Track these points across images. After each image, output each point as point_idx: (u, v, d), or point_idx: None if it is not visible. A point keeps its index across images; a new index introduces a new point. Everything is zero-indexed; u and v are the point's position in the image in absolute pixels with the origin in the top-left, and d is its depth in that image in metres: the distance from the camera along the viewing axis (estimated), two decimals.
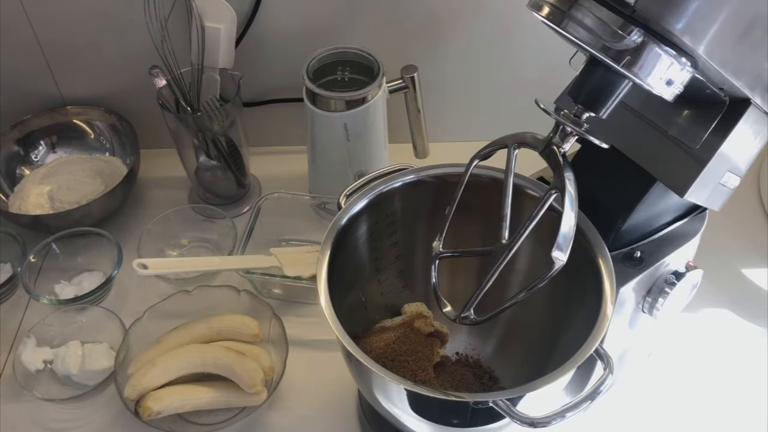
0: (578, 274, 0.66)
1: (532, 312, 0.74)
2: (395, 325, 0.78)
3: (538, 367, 0.74)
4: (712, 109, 0.60)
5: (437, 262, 0.68)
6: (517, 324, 0.77)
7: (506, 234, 0.60)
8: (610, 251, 0.64)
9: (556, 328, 0.73)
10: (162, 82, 0.91)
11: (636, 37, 0.51)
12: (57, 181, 1.04)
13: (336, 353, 0.69)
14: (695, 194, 0.64)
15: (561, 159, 0.57)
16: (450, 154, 0.81)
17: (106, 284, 0.92)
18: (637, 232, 0.70)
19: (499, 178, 0.70)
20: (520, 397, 0.59)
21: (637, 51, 0.51)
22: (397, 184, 0.73)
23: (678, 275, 0.69)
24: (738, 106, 0.59)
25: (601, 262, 0.65)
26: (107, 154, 1.10)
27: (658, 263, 0.67)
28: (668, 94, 0.54)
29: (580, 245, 0.64)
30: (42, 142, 1.09)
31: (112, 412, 0.84)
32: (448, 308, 0.64)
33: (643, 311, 0.72)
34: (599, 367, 0.60)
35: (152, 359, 0.81)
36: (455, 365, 0.79)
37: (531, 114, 0.64)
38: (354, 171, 0.95)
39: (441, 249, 0.68)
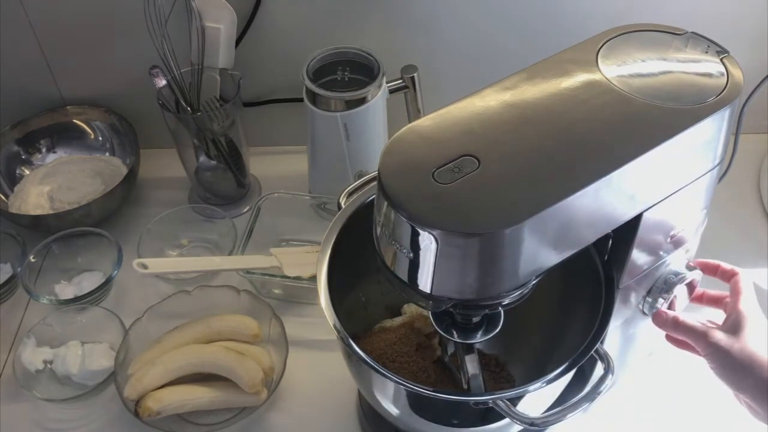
0: (578, 275, 0.66)
1: (532, 313, 0.74)
2: (395, 326, 0.78)
3: (538, 368, 0.74)
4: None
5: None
6: (518, 327, 0.77)
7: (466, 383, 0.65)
8: None
9: (556, 329, 0.73)
10: (162, 82, 0.91)
11: None
12: (57, 181, 1.04)
13: (336, 353, 0.69)
14: None
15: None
16: None
17: (106, 284, 0.92)
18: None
19: None
20: (520, 397, 0.59)
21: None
22: None
23: (678, 275, 0.69)
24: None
25: (599, 263, 0.65)
26: (107, 154, 1.10)
27: (658, 263, 0.67)
28: None
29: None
30: (42, 142, 1.09)
31: (112, 412, 0.84)
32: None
33: (643, 311, 0.72)
34: (599, 367, 0.61)
35: (152, 359, 0.81)
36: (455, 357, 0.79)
37: None
38: (354, 171, 0.95)
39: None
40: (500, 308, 0.61)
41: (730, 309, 0.66)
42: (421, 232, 0.50)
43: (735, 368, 0.62)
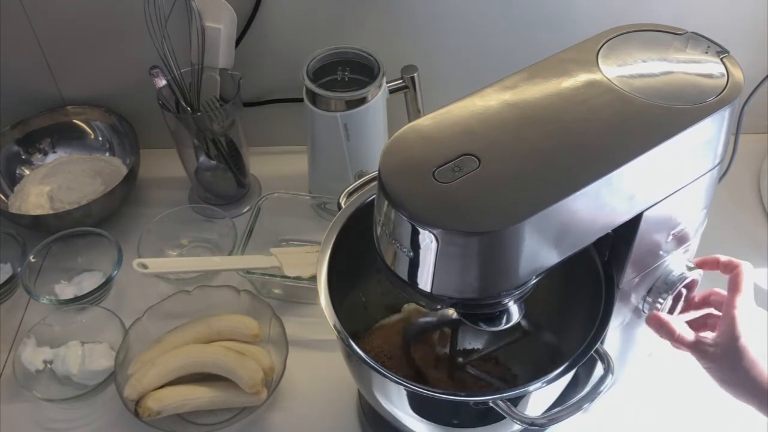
0: (578, 275, 0.66)
1: (532, 313, 0.74)
2: (393, 322, 0.78)
3: (538, 368, 0.74)
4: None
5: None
6: (518, 327, 0.77)
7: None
8: None
9: (556, 329, 0.73)
10: (162, 82, 0.91)
11: None
12: (57, 181, 1.04)
13: (336, 353, 0.69)
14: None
15: None
16: None
17: (106, 284, 0.92)
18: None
19: None
20: (520, 397, 0.59)
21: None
22: None
23: (678, 275, 0.69)
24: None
25: (599, 263, 0.65)
26: (107, 154, 1.10)
27: (659, 263, 0.67)
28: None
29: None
30: (42, 142, 1.09)
31: (112, 412, 0.84)
32: None
33: (643, 311, 0.72)
34: (599, 367, 0.61)
35: (152, 359, 0.80)
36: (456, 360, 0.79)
37: None
38: (354, 171, 0.95)
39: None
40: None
41: (726, 308, 0.65)
42: (421, 231, 0.50)
43: (733, 376, 0.62)
